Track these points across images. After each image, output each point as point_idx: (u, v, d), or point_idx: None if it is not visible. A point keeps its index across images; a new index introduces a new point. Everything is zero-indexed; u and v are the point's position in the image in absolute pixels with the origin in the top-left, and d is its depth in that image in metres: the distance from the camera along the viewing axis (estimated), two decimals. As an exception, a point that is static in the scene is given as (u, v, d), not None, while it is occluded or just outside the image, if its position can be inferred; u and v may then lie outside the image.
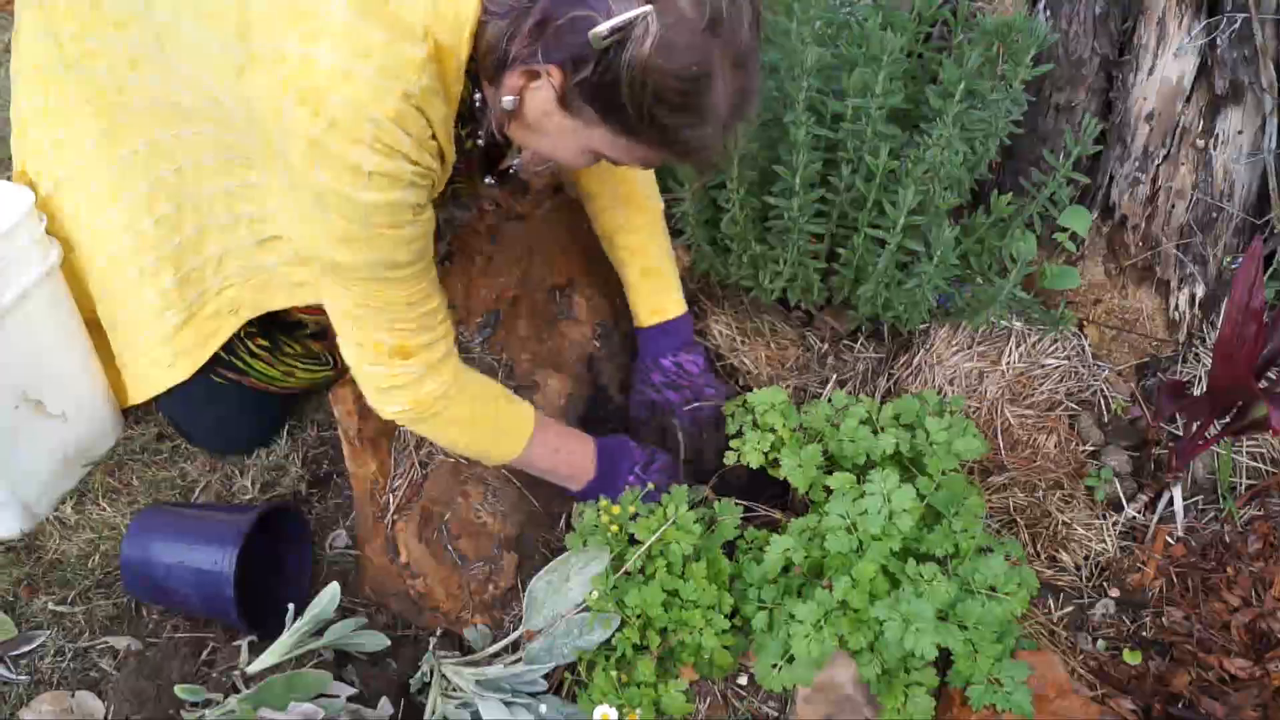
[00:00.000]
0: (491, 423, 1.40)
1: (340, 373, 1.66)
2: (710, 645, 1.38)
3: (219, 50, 1.14)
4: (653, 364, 1.65)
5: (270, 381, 1.63)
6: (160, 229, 1.46)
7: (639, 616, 1.38)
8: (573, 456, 1.50)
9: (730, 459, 1.57)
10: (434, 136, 1.14)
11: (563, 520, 1.63)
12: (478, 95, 1.19)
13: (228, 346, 1.57)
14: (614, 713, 1.31)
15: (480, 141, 1.27)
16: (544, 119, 1.13)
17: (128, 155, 1.42)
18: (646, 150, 1.14)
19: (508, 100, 1.12)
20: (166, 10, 1.23)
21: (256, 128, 1.12)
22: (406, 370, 1.27)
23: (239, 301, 1.53)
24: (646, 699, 1.37)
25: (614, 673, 1.37)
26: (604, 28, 1.00)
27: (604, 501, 1.48)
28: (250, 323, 1.56)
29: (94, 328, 1.60)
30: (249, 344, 1.58)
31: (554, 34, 1.04)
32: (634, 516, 1.47)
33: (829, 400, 1.60)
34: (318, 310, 1.55)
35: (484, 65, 1.12)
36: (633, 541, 1.45)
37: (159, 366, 1.56)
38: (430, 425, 1.35)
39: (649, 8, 1.00)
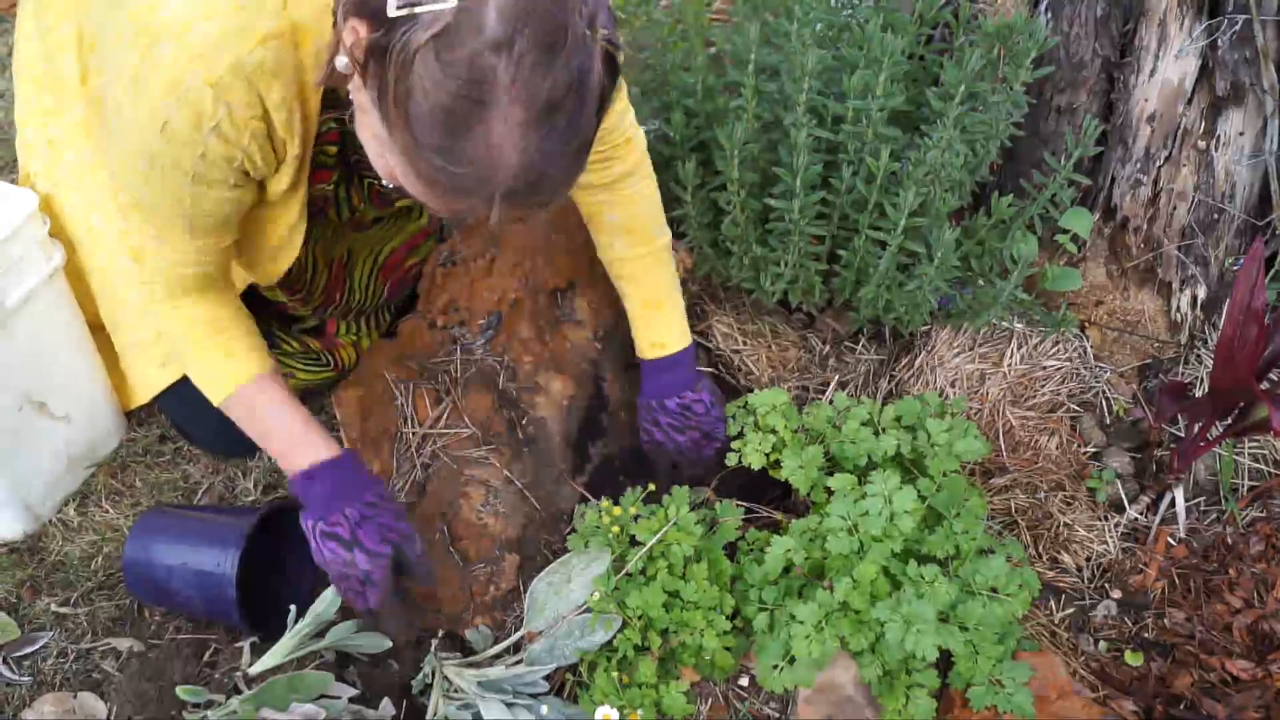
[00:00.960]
0: (193, 361, 1.35)
1: (341, 374, 1.66)
2: (711, 646, 1.39)
3: None
4: (658, 405, 1.59)
5: (272, 383, 1.63)
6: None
7: (640, 618, 1.39)
8: (283, 447, 1.41)
9: (731, 460, 1.57)
10: (264, 118, 1.11)
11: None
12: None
13: (230, 349, 1.56)
14: (615, 714, 1.32)
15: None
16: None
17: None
18: (401, 160, 0.99)
19: (340, 61, 1.02)
20: None
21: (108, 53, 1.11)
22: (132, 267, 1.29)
23: None
24: (648, 700, 1.37)
25: (615, 674, 1.38)
26: None
27: (605, 503, 1.48)
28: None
29: (98, 330, 1.61)
30: (250, 345, 1.58)
31: None
32: (635, 518, 1.47)
33: (830, 402, 1.60)
34: (303, 293, 1.53)
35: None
36: (634, 543, 1.45)
37: (154, 365, 1.57)
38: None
39: (454, 4, 0.90)
